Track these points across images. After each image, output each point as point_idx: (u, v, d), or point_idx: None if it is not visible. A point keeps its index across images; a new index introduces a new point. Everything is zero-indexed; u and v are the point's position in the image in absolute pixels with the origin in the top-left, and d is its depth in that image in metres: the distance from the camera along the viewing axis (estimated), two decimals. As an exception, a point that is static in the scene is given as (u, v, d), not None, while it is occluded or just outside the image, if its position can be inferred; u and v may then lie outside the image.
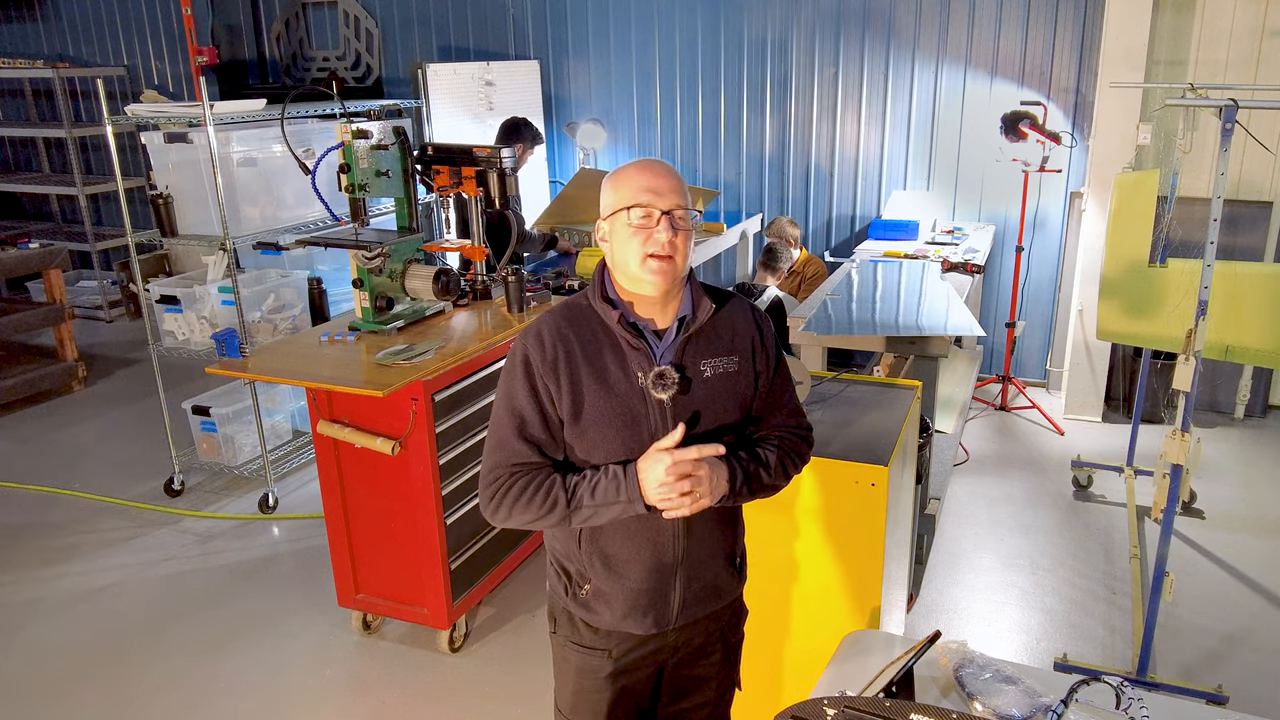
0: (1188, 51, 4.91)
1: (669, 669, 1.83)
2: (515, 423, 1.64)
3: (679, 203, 1.61)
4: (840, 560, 2.33)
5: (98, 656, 3.27)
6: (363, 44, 6.96)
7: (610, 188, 1.65)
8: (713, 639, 1.84)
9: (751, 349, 1.73)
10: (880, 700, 1.42)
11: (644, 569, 1.70)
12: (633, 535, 1.69)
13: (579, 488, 1.61)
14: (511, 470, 1.64)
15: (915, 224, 5.21)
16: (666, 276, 1.61)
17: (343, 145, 3.22)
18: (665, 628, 1.75)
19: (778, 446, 1.75)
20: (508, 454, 1.64)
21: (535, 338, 1.65)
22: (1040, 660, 3.14)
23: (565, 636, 1.81)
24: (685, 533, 1.71)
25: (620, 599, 1.72)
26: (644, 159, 1.66)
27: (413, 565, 3.12)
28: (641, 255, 1.59)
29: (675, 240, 1.59)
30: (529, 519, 1.64)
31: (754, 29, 5.81)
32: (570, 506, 1.61)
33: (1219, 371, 5.02)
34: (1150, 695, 1.55)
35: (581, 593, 1.74)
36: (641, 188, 1.60)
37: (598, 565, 1.71)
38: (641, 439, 1.63)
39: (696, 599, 1.76)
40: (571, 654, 1.81)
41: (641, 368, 1.63)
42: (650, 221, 1.59)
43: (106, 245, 7.45)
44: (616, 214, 1.62)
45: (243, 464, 4.54)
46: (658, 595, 1.72)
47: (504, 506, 1.64)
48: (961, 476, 4.47)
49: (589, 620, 1.76)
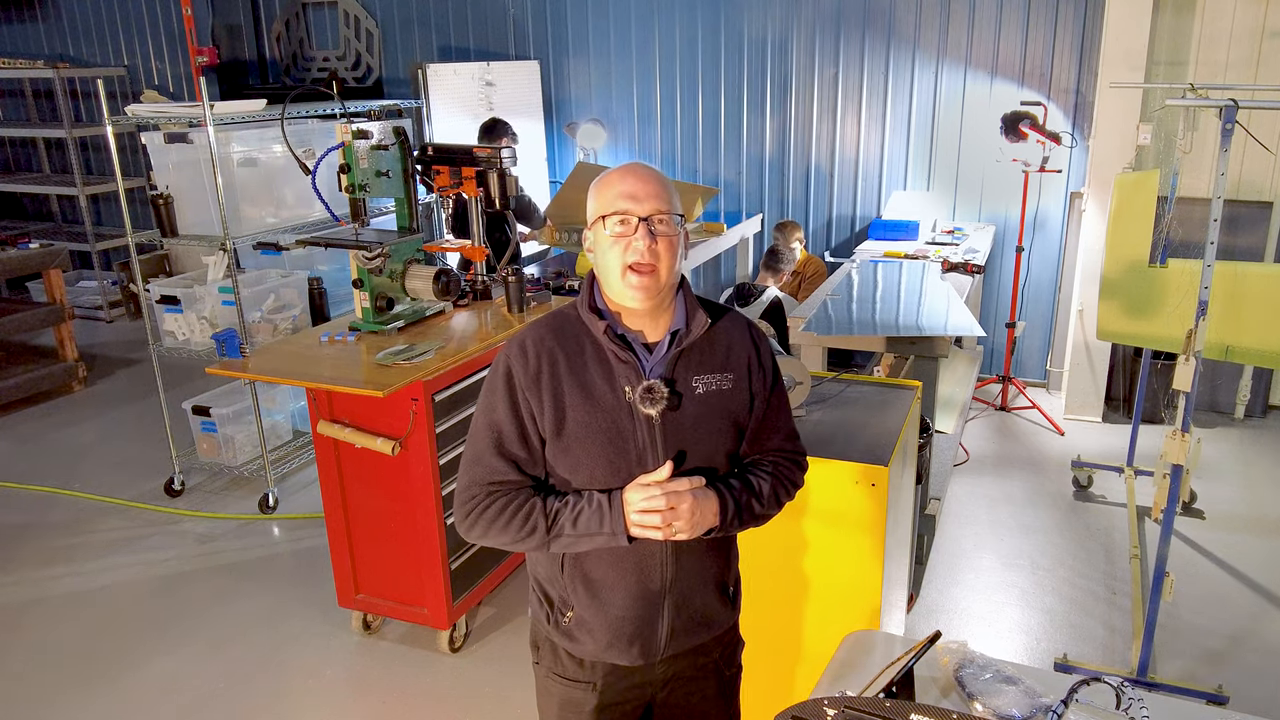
0: (1188, 52, 4.91)
1: (658, 703, 1.75)
2: (493, 438, 1.58)
3: (659, 208, 1.51)
4: (840, 560, 2.33)
5: (98, 656, 3.27)
6: (363, 44, 6.96)
7: (592, 194, 1.57)
8: (705, 672, 1.76)
9: (748, 368, 1.64)
10: (880, 700, 1.41)
11: (629, 596, 1.62)
12: (618, 560, 1.61)
13: (560, 515, 1.55)
14: (489, 489, 1.58)
15: (915, 224, 5.21)
16: (649, 291, 1.52)
17: (343, 145, 3.22)
18: (652, 659, 1.67)
19: (771, 474, 1.67)
20: (484, 471, 1.58)
21: (519, 349, 1.58)
22: (1040, 660, 3.14)
23: (548, 668, 1.73)
24: (674, 558, 1.63)
25: (604, 627, 1.63)
26: (628, 164, 1.58)
27: (413, 565, 3.12)
28: (621, 267, 1.51)
29: (655, 248, 1.50)
30: (505, 541, 1.58)
31: (754, 29, 5.82)
32: (550, 533, 1.55)
33: (1219, 371, 5.02)
34: (1150, 695, 1.55)
35: (564, 620, 1.66)
36: (619, 194, 1.52)
37: (580, 591, 1.63)
38: (627, 456, 1.56)
39: (685, 629, 1.68)
40: (554, 686, 1.73)
41: (629, 381, 1.56)
42: (628, 229, 1.51)
43: (106, 245, 7.45)
44: (596, 223, 1.55)
45: (243, 464, 4.54)
46: (644, 624, 1.64)
47: (479, 525, 1.58)
48: (961, 476, 4.48)
49: (571, 650, 1.68)
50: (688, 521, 1.53)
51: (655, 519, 1.52)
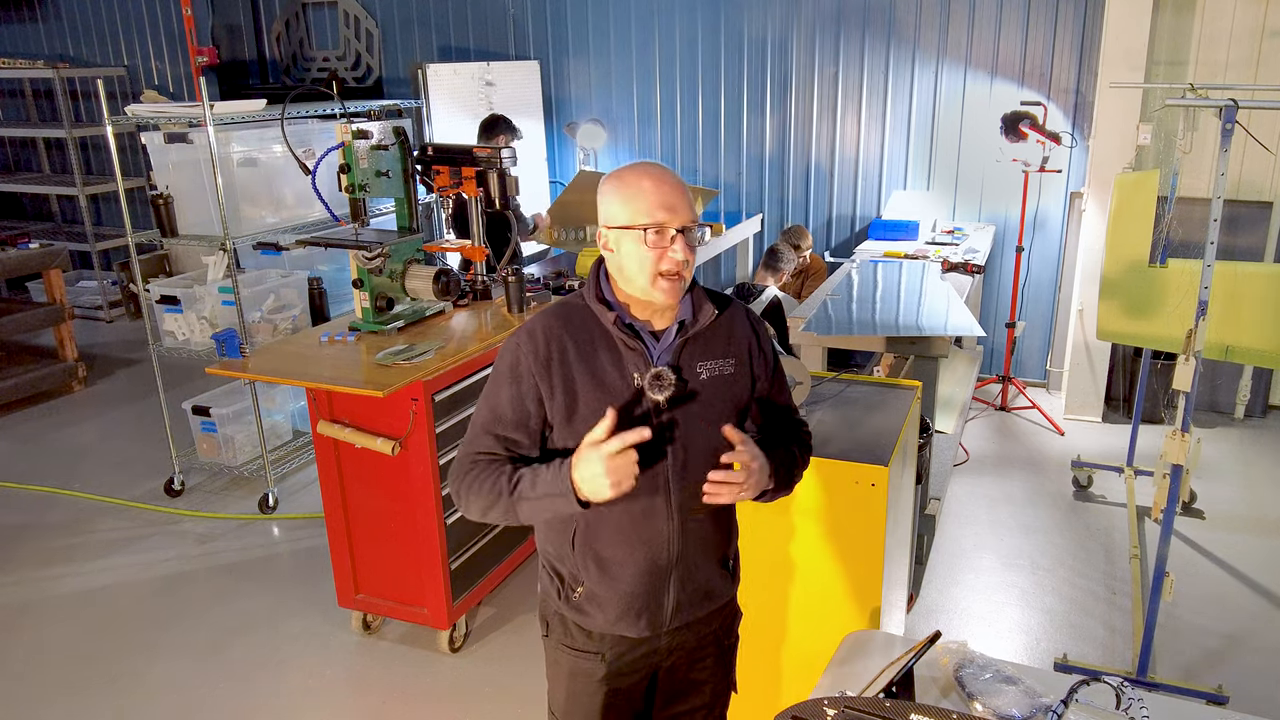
0: (1188, 52, 4.91)
1: (663, 672, 1.82)
2: (491, 419, 1.65)
3: (692, 218, 1.60)
4: (840, 560, 2.33)
5: (98, 656, 3.27)
6: (363, 44, 6.96)
7: (618, 199, 1.60)
8: (706, 642, 1.83)
9: (749, 353, 1.73)
10: (880, 700, 1.42)
11: (638, 571, 1.68)
12: (627, 537, 1.67)
13: (523, 479, 1.59)
14: (474, 458, 1.65)
15: (915, 224, 5.21)
16: (678, 293, 1.62)
17: (343, 145, 3.22)
18: (659, 631, 1.74)
19: (796, 442, 1.79)
20: (476, 445, 1.66)
21: (529, 337, 1.64)
22: (1040, 660, 3.14)
23: (558, 640, 1.79)
24: (680, 534, 1.69)
25: (613, 602, 1.70)
26: (648, 166, 1.62)
27: (413, 565, 3.12)
28: (653, 273, 1.58)
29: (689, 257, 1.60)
30: (482, 506, 1.63)
31: (754, 29, 5.82)
32: (512, 496, 1.59)
33: (1219, 371, 5.02)
34: (1150, 695, 1.55)
35: (574, 595, 1.72)
36: (656, 204, 1.56)
37: (591, 567, 1.69)
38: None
39: (690, 602, 1.75)
40: (564, 657, 1.79)
41: (638, 369, 1.62)
42: (664, 239, 1.57)
43: (106, 245, 7.45)
44: (627, 229, 1.58)
45: (243, 464, 4.54)
46: (651, 598, 1.70)
47: (462, 492, 1.64)
48: (961, 476, 4.47)
49: (581, 623, 1.74)
50: (755, 480, 1.61)
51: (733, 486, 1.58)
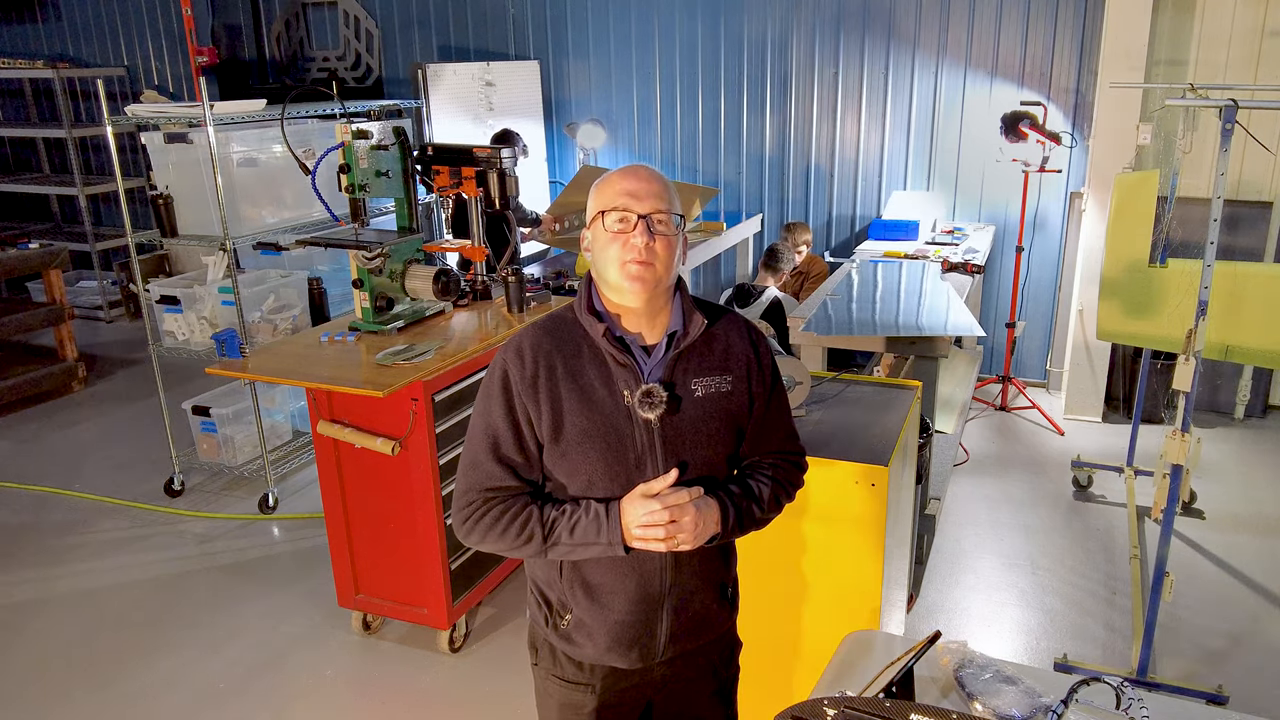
0: (1188, 52, 4.91)
1: (657, 705, 1.75)
2: (490, 442, 1.57)
3: (659, 207, 1.51)
4: (840, 560, 2.33)
5: (98, 656, 3.27)
6: (363, 44, 6.96)
7: (592, 193, 1.57)
8: (703, 674, 1.75)
9: (747, 369, 1.63)
10: (880, 700, 1.41)
11: (629, 600, 1.61)
12: (617, 564, 1.60)
13: (558, 524, 1.54)
14: (486, 494, 1.57)
15: (915, 224, 5.21)
16: (645, 284, 1.51)
17: (343, 145, 3.22)
18: (651, 662, 1.66)
19: (771, 477, 1.67)
20: (482, 476, 1.57)
21: (515, 353, 1.57)
22: (1040, 660, 3.14)
23: (546, 669, 1.72)
24: (674, 563, 1.62)
25: (603, 631, 1.62)
26: (630, 164, 1.59)
27: (413, 565, 3.12)
28: (619, 262, 1.51)
29: (653, 246, 1.50)
30: (503, 548, 1.57)
31: (754, 29, 5.82)
32: (547, 542, 1.54)
33: (1219, 371, 5.02)
34: (1150, 695, 1.55)
35: (562, 623, 1.65)
36: (620, 191, 1.52)
37: (579, 595, 1.62)
38: (626, 461, 1.55)
39: (685, 631, 1.67)
40: (553, 688, 1.72)
41: (628, 385, 1.55)
42: (627, 226, 1.51)
43: (106, 245, 7.45)
44: (595, 220, 1.55)
45: (243, 464, 4.54)
46: (643, 628, 1.63)
47: (477, 531, 1.57)
48: (961, 476, 4.47)
49: (570, 653, 1.67)
50: (691, 533, 1.53)
51: (659, 532, 1.51)
